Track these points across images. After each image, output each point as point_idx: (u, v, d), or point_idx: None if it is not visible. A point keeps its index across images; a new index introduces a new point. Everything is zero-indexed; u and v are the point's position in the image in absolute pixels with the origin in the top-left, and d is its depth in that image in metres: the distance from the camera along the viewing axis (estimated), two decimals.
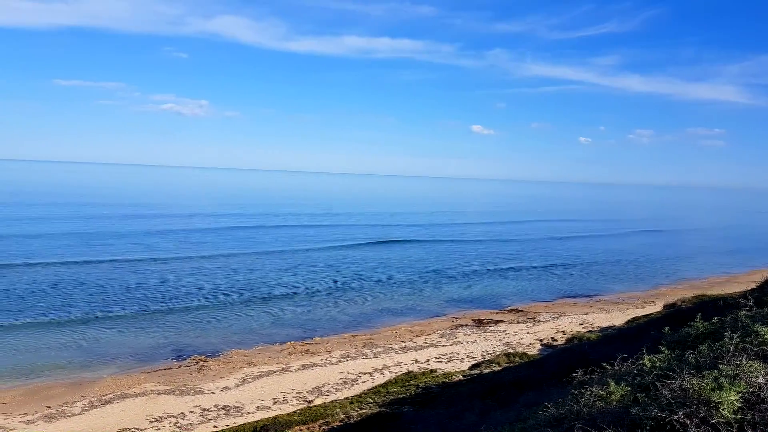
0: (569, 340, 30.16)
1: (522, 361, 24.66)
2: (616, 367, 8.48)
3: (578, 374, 9.53)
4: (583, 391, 6.78)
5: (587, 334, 30.41)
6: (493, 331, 35.66)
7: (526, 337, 34.08)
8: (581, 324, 36.97)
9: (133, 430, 20.76)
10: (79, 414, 22.26)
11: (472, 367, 26.05)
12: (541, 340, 33.00)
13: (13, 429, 20.73)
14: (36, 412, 22.33)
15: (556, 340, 32.42)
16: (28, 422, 21.36)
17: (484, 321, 38.53)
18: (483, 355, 29.74)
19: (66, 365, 27.86)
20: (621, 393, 6.23)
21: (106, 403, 23.39)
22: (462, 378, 22.68)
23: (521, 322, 38.10)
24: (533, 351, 29.96)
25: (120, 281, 45.56)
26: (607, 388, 6.46)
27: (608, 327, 33.50)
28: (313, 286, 47.12)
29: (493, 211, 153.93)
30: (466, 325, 37.31)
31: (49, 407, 22.82)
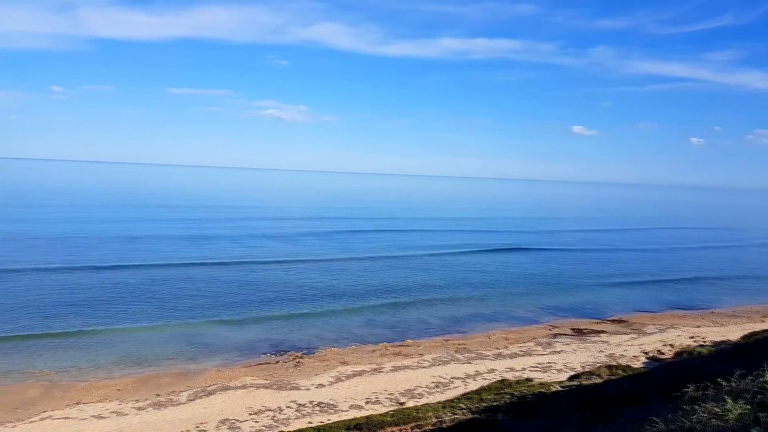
0: (678, 354, 28.36)
1: (625, 374, 23.43)
2: (733, 384, 7.84)
3: (690, 390, 8.91)
4: (696, 407, 6.31)
5: (698, 348, 28.43)
6: (593, 342, 34.14)
7: (630, 349, 32.34)
8: (691, 337, 34.63)
9: (233, 420, 21.65)
10: (184, 403, 23.52)
11: (571, 378, 25.04)
12: (646, 353, 31.20)
13: (126, 414, 22.23)
14: (146, 399, 23.83)
15: (663, 354, 30.54)
16: (139, 408, 22.82)
17: (584, 331, 36.98)
18: (582, 366, 28.53)
19: (174, 356, 29.61)
20: (739, 411, 5.72)
21: (210, 394, 24.57)
22: (560, 389, 21.84)
23: (624, 334, 36.22)
24: (637, 364, 28.38)
25: (224, 280, 48.02)
26: (724, 405, 5.96)
27: (722, 341, 31.11)
28: (406, 290, 47.27)
29: (596, 217, 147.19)
30: (565, 335, 35.96)
31: (158, 395, 24.29)
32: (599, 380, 22.52)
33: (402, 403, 23.48)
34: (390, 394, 24.90)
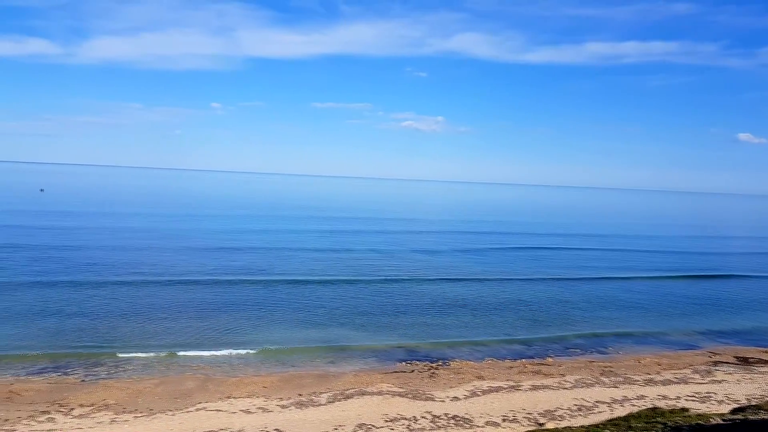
0: None
1: None
2: None
3: None
4: None
5: None
6: (761, 373, 30.46)
7: None
8: None
9: (370, 426, 21.96)
10: (324, 405, 24.28)
11: (734, 411, 22.42)
12: None
13: (271, 411, 23.40)
14: (290, 398, 24.93)
15: None
16: (282, 406, 23.91)
17: (750, 360, 33.15)
18: (748, 399, 25.52)
19: (316, 358, 30.82)
20: None
21: (347, 397, 25.17)
22: (721, 422, 19.62)
23: None
24: None
25: (362, 289, 49.56)
26: None
27: None
28: (546, 307, 45.48)
29: (766, 236, 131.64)
30: (727, 363, 32.47)
31: (300, 395, 25.33)
32: None
33: (541, 424, 22.45)
34: (528, 413, 23.93)
